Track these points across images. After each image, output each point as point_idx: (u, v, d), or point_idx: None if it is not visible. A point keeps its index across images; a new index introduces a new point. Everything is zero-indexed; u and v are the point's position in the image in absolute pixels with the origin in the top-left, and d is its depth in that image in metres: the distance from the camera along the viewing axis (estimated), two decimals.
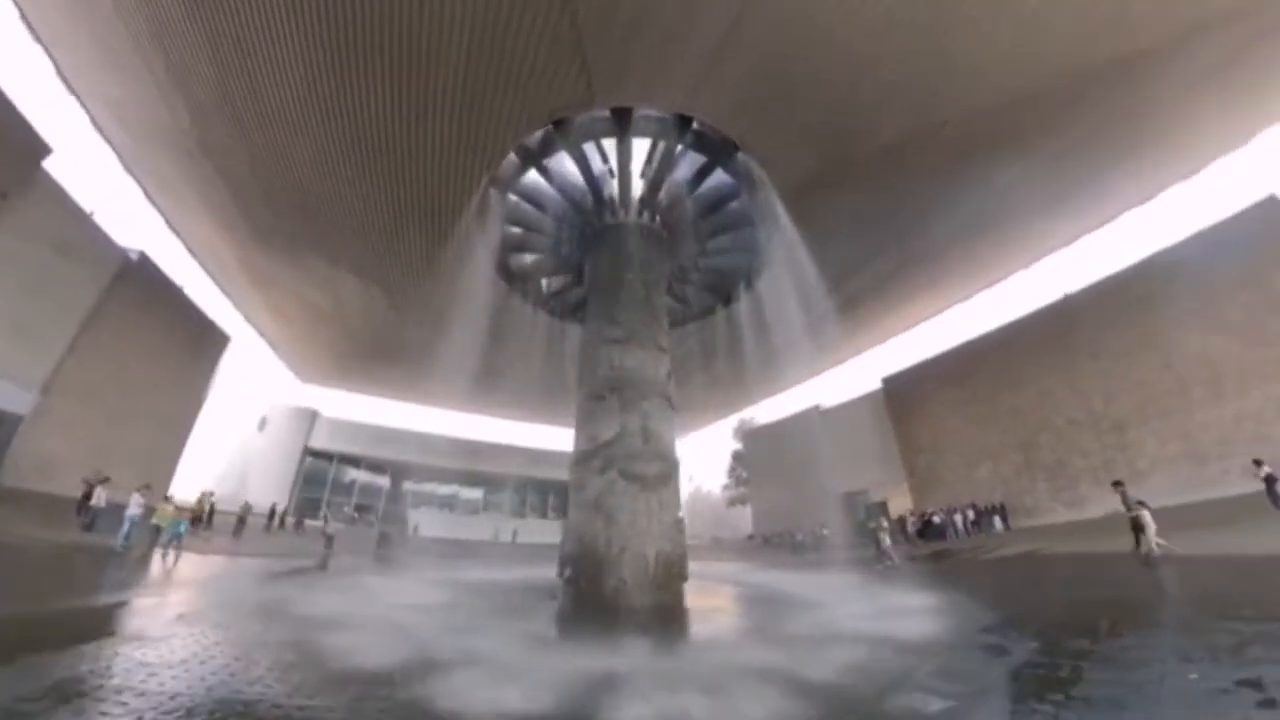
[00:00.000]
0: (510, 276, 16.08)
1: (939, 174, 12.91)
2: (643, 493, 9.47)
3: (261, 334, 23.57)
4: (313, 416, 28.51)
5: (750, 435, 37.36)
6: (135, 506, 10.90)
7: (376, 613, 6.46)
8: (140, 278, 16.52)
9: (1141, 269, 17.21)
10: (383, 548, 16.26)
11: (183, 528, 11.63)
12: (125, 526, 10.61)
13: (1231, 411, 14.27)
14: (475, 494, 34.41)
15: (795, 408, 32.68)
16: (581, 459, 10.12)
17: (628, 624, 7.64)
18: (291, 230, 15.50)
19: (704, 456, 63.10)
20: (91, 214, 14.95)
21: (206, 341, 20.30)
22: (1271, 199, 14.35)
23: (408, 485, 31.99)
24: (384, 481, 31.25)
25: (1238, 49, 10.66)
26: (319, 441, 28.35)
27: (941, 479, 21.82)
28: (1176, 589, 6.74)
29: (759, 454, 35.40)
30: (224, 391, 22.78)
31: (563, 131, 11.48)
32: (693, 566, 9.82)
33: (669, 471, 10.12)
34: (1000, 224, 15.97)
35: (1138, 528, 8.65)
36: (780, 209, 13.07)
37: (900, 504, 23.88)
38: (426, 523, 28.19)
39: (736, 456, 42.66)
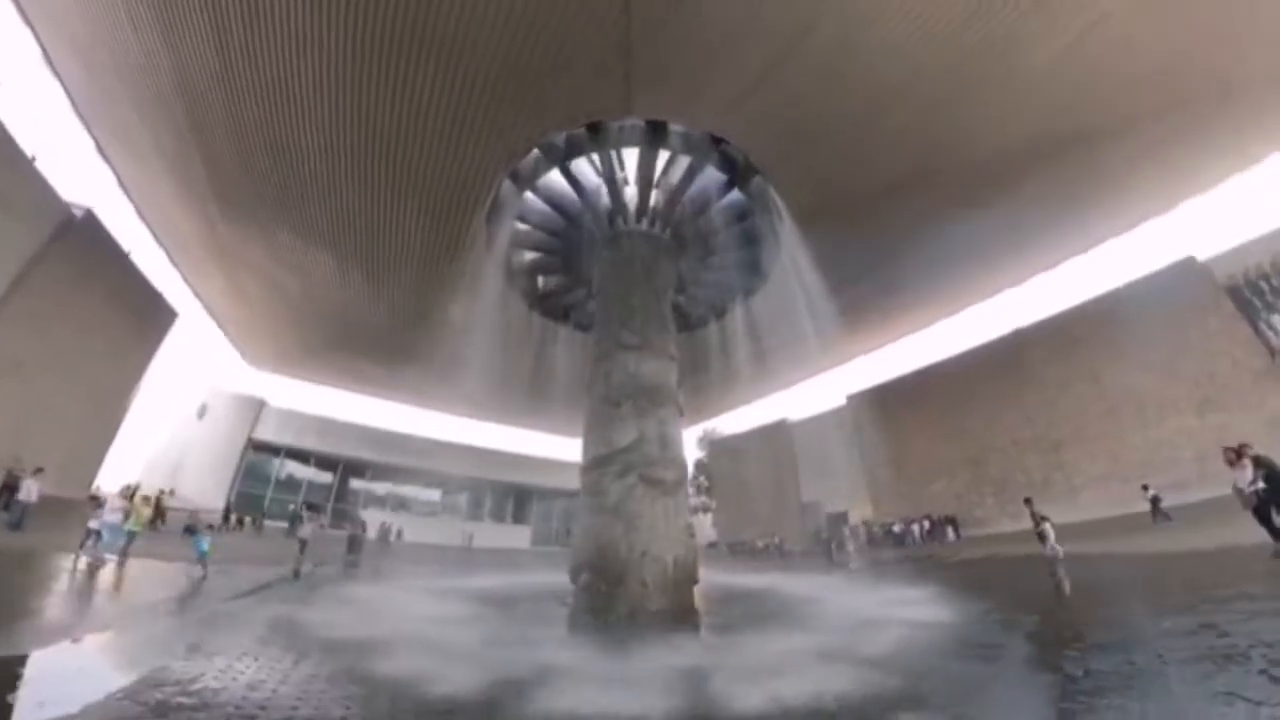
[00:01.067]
0: (510, 274, 15.74)
1: (922, 213, 14.04)
2: (661, 498, 9.57)
3: (210, 311, 21.54)
4: (259, 406, 26.24)
5: (716, 445, 38.22)
6: (113, 513, 9.62)
7: (406, 631, 6.06)
8: (83, 238, 14.69)
9: (1081, 311, 19.39)
10: (352, 553, 15.29)
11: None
12: (104, 537, 9.21)
13: (1151, 438, 16.36)
14: (432, 495, 32.93)
15: (761, 420, 33.86)
16: (597, 464, 10.05)
17: (653, 625, 7.73)
18: (267, 202, 14.35)
19: None
20: (33, 159, 13.18)
21: (150, 316, 18.30)
22: (1190, 260, 16.68)
23: (359, 484, 30.13)
24: (334, 479, 29.20)
25: (1171, 133, 12.58)
26: (265, 433, 26.10)
27: (899, 491, 23.35)
28: (1093, 578, 8.23)
29: (724, 464, 36.26)
30: (162, 372, 20.57)
31: (586, 135, 11.51)
32: None
33: (681, 478, 10.29)
34: (964, 261, 17.52)
35: (1041, 536, 10.72)
36: (784, 232, 13.75)
37: (858, 514, 25.31)
38: (378, 524, 26.64)
39: (699, 466, 43.32)
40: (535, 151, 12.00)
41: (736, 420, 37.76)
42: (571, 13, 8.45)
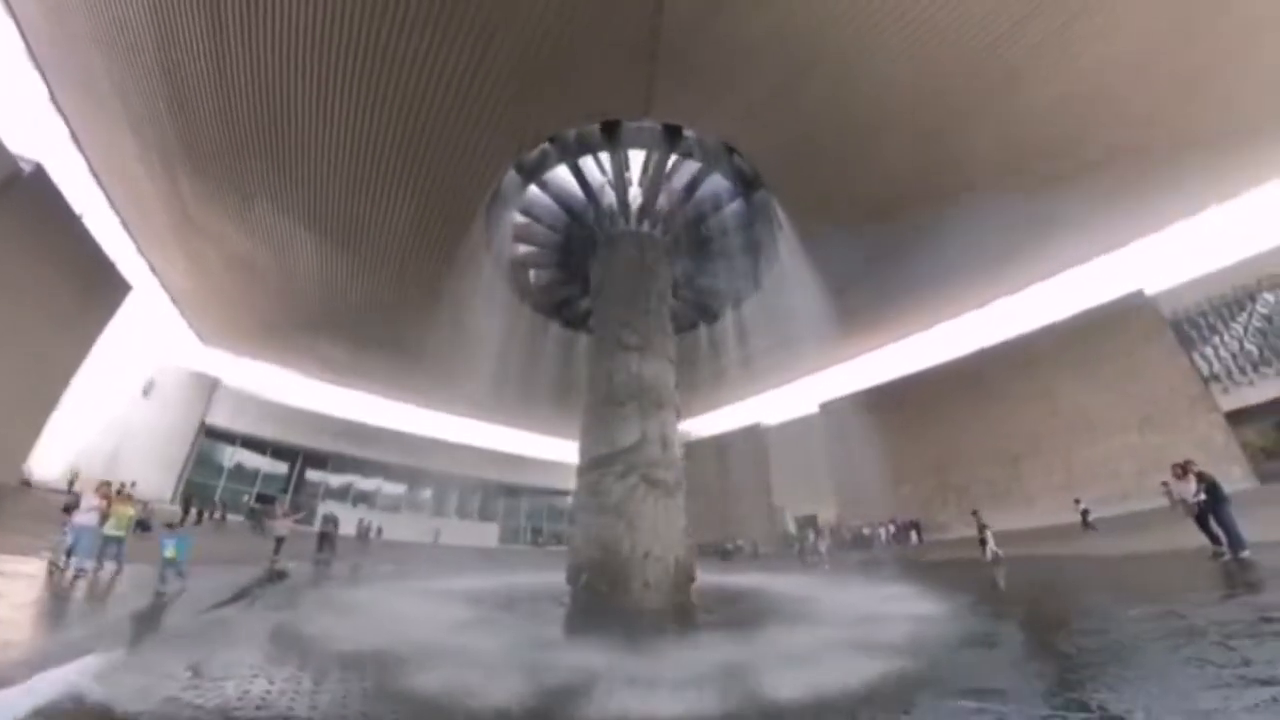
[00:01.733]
0: (504, 266, 15.44)
1: (909, 231, 14.75)
2: (662, 498, 9.64)
3: (164, 283, 19.99)
4: (213, 386, 24.47)
5: (687, 447, 38.59)
6: (88, 512, 8.23)
7: (420, 639, 5.64)
8: (29, 195, 13.34)
9: (1041, 334, 20.78)
10: (323, 551, 14.55)
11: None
12: (77, 543, 8.01)
13: (1099, 453, 17.74)
14: (397, 489, 31.73)
15: (736, 424, 34.47)
16: (598, 464, 10.00)
17: (655, 625, 7.79)
18: (248, 170, 13.45)
19: None
20: None
21: (101, 286, 16.79)
22: (1140, 293, 18.20)
23: (319, 476, 28.66)
24: (292, 470, 27.61)
25: (1126, 181, 13.83)
26: (219, 417, 24.36)
27: (866, 496, 24.33)
28: (1061, 576, 9.07)
29: (696, 465, 36.61)
30: (110, 350, 18.89)
31: (592, 133, 11.43)
32: None
33: (680, 479, 10.38)
34: (941, 278, 18.45)
35: (983, 541, 12.52)
36: (780, 242, 14.11)
37: (825, 517, 26.22)
38: (342, 519, 25.45)
39: None
40: (540, 146, 11.83)
41: (710, 423, 38.29)
42: (603, 9, 8.38)
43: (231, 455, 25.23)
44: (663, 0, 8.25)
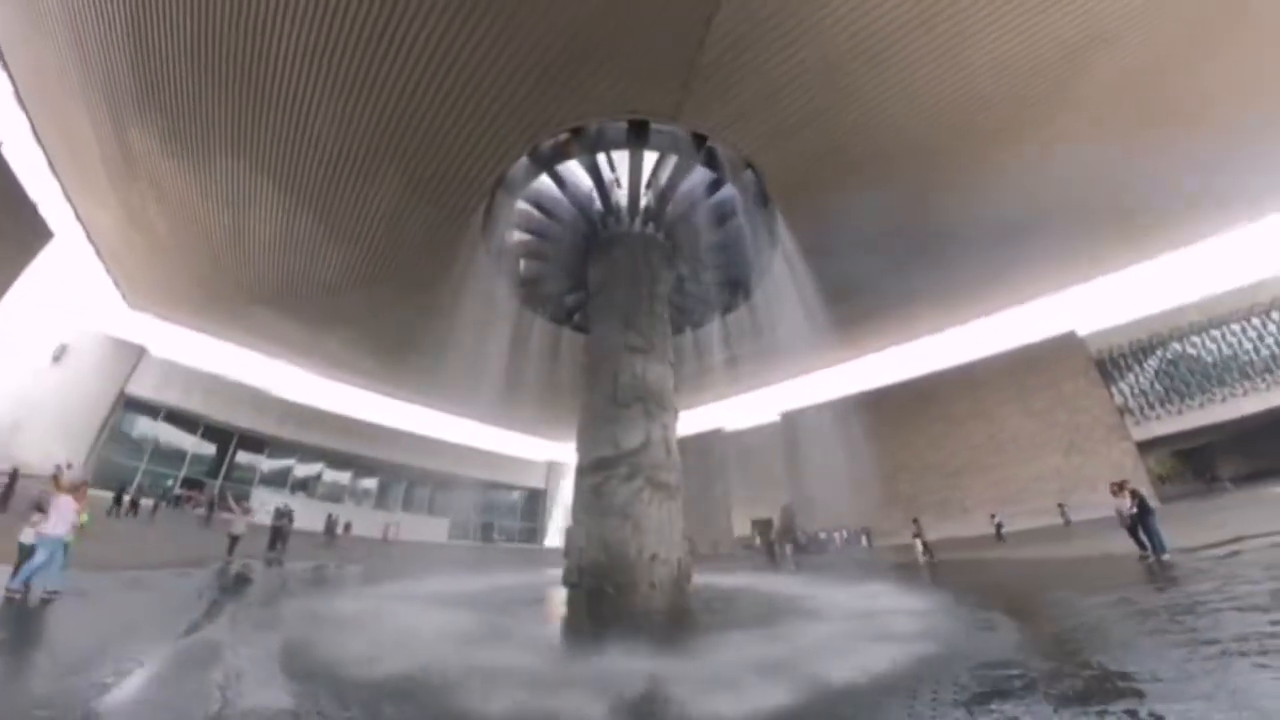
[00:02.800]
0: (495, 257, 14.91)
1: (905, 258, 15.78)
2: (666, 501, 9.74)
3: (92, 234, 17.64)
4: (138, 354, 21.78)
5: None
6: (63, 525, 6.41)
7: (450, 655, 5.13)
8: None
9: (984, 363, 22.83)
10: (275, 548, 13.41)
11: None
12: (49, 556, 6.28)
13: (1028, 472, 19.77)
14: (341, 477, 29.73)
15: (698, 428, 35.17)
16: (602, 465, 9.93)
17: (675, 625, 7.93)
18: (214, 117, 12.08)
19: None
20: None
21: (17, 228, 14.52)
22: (1071, 334, 20.47)
23: (255, 460, 26.29)
24: (225, 452, 25.11)
25: (1066, 236, 15.67)
26: (143, 388, 21.67)
27: (820, 502, 25.66)
28: (1017, 577, 10.25)
29: None
30: (18, 301, 16.35)
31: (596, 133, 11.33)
32: None
33: (680, 482, 10.53)
34: (903, 307, 19.91)
35: (918, 547, 14.98)
36: (776, 258, 14.64)
37: (780, 522, 27.40)
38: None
39: None
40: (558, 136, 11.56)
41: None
42: (655, 9, 8.36)
43: (155, 432, 22.52)
44: (713, 15, 8.36)
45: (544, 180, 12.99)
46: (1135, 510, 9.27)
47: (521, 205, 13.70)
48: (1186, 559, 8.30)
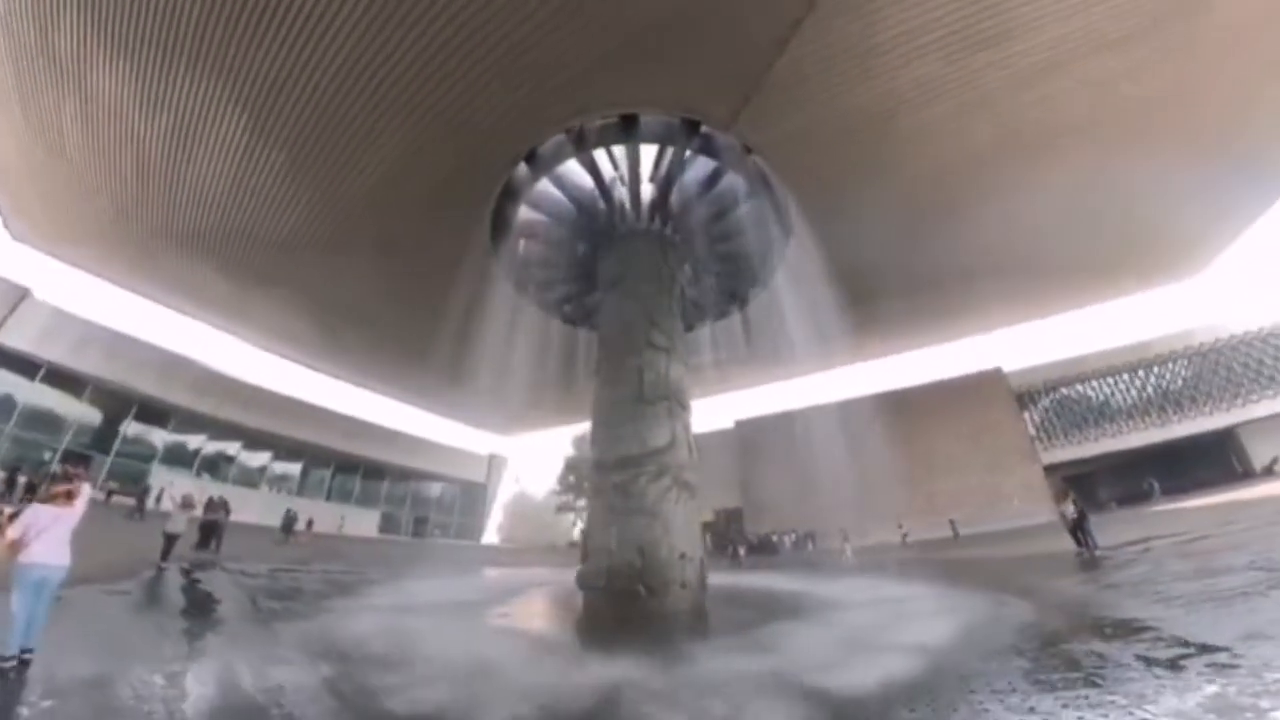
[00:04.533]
0: (493, 236, 14.18)
1: (890, 286, 17.19)
2: (689, 500, 9.86)
3: None
4: (18, 298, 17.78)
5: None
6: (57, 547, 4.26)
7: (539, 681, 4.57)
8: None
9: (921, 390, 25.46)
10: (207, 545, 11.63)
11: None
12: (34, 598, 4.08)
13: (950, 486, 22.34)
14: (258, 459, 26.37)
15: None
16: (629, 463, 9.79)
17: (682, 627, 8.02)
18: (171, 16, 10.11)
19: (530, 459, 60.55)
20: None
21: None
22: (998, 370, 23.48)
23: (157, 434, 22.50)
24: (118, 422, 21.20)
25: (1004, 285, 18.08)
26: (20, 339, 17.67)
27: (770, 506, 27.07)
28: (985, 571, 11.58)
29: None
30: None
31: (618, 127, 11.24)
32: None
33: (699, 482, 10.71)
34: (873, 329, 21.76)
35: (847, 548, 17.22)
36: (776, 274, 15.35)
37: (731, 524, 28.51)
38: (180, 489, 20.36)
39: (571, 464, 43.10)
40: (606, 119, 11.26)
41: None
42: (732, 22, 8.49)
43: (30, 395, 18.32)
44: (788, 41, 8.67)
45: (555, 169, 12.62)
46: (1076, 515, 11.03)
47: (535, 193, 13.20)
48: (1113, 554, 9.99)
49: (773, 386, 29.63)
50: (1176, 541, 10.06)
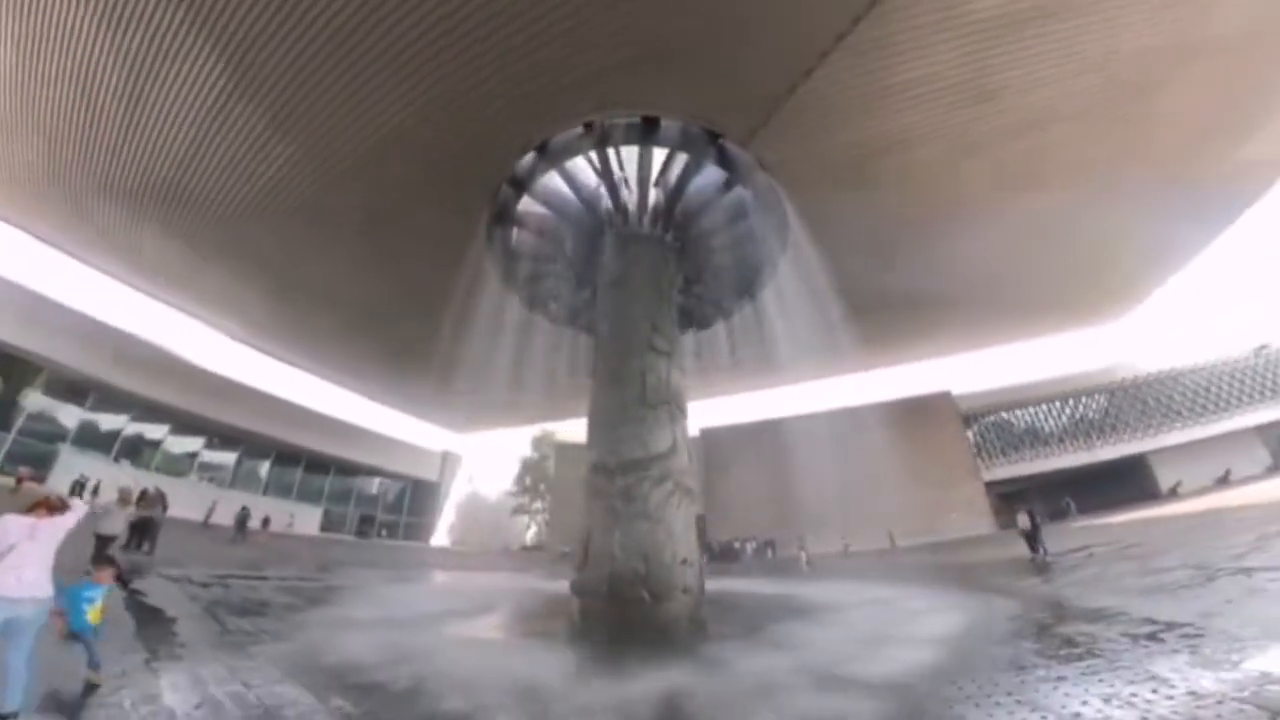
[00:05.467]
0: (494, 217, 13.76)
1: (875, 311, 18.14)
2: (690, 505, 9.94)
3: None
4: None
5: (562, 449, 37.98)
6: (34, 574, 3.28)
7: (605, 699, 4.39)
8: None
9: (877, 408, 27.00)
10: (142, 545, 10.41)
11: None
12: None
13: (908, 499, 23.78)
14: (188, 445, 23.91)
15: None
16: (632, 467, 9.73)
17: (685, 632, 8.11)
18: None
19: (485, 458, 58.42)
20: None
21: None
22: (948, 392, 25.29)
23: (60, 408, 19.85)
24: (21, 395, 18.49)
25: (960, 313, 19.61)
26: None
27: (732, 513, 27.68)
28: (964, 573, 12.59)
29: (566, 469, 36.28)
30: None
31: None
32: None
33: (697, 487, 10.85)
34: (829, 348, 22.88)
35: (803, 555, 18.14)
36: (769, 290, 15.84)
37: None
38: (96, 476, 18.14)
39: (527, 465, 42.14)
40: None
41: (578, 429, 38.50)
42: (764, 42, 8.77)
43: None
44: (813, 72, 9.09)
45: (565, 164, 12.46)
46: (1030, 526, 12.27)
47: (541, 185, 12.94)
48: (1061, 559, 11.16)
49: (739, 397, 30.45)
50: (1113, 549, 11.31)
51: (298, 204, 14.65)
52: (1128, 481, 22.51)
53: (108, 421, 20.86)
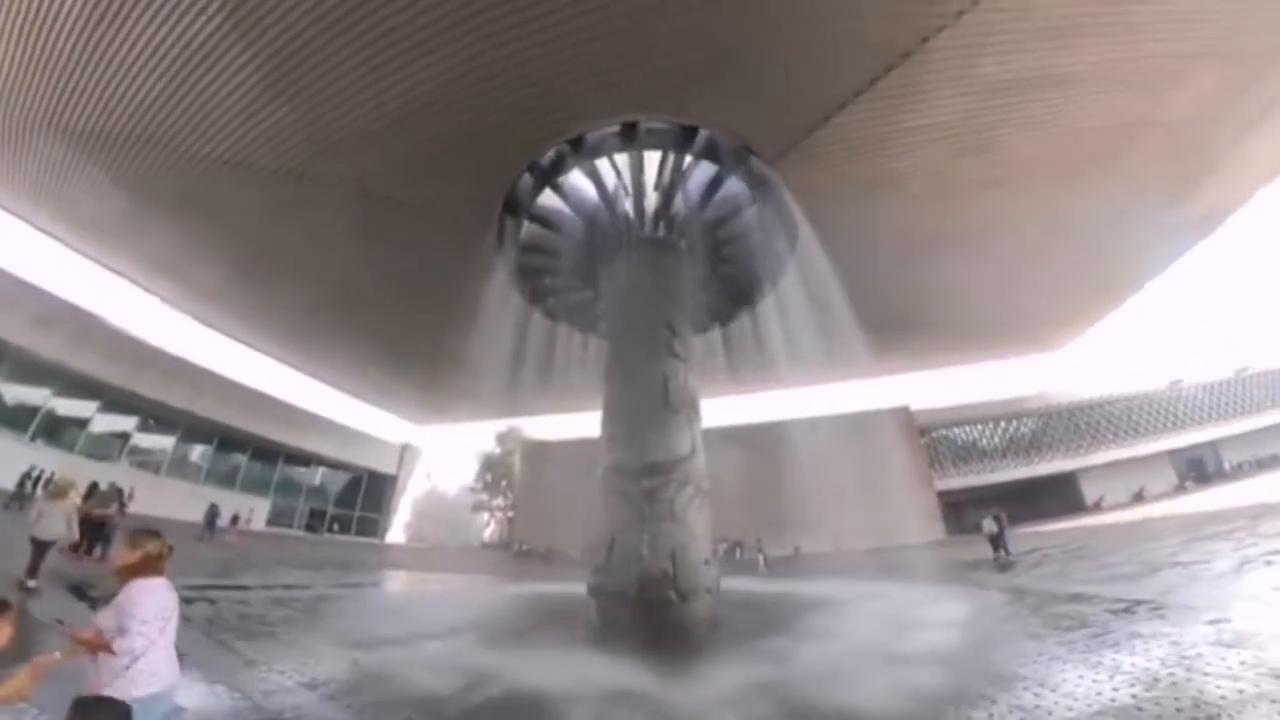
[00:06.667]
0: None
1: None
2: (707, 508, 10.22)
3: None
4: None
5: (531, 447, 37.14)
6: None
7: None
8: None
9: (842, 419, 28.52)
10: (95, 551, 9.07)
11: None
12: None
13: (870, 504, 25.24)
14: (117, 425, 21.42)
15: (577, 434, 35.12)
16: (657, 470, 9.86)
17: (705, 632, 8.39)
18: None
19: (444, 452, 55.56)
20: None
21: None
22: (906, 407, 27.11)
23: None
24: None
25: (919, 334, 21.16)
26: None
27: None
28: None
29: (536, 467, 35.60)
30: None
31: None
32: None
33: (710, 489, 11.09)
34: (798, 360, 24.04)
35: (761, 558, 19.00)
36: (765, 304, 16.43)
37: None
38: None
39: (490, 462, 40.87)
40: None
41: (546, 426, 37.95)
42: (807, 71, 9.23)
43: None
44: (845, 106, 9.69)
45: (584, 163, 12.39)
46: (997, 529, 13.44)
47: (564, 181, 12.79)
48: (1020, 559, 12.38)
49: (714, 401, 31.18)
50: (1064, 550, 12.77)
51: (283, 166, 13.32)
52: (1059, 495, 25.22)
53: (21, 395, 18.28)
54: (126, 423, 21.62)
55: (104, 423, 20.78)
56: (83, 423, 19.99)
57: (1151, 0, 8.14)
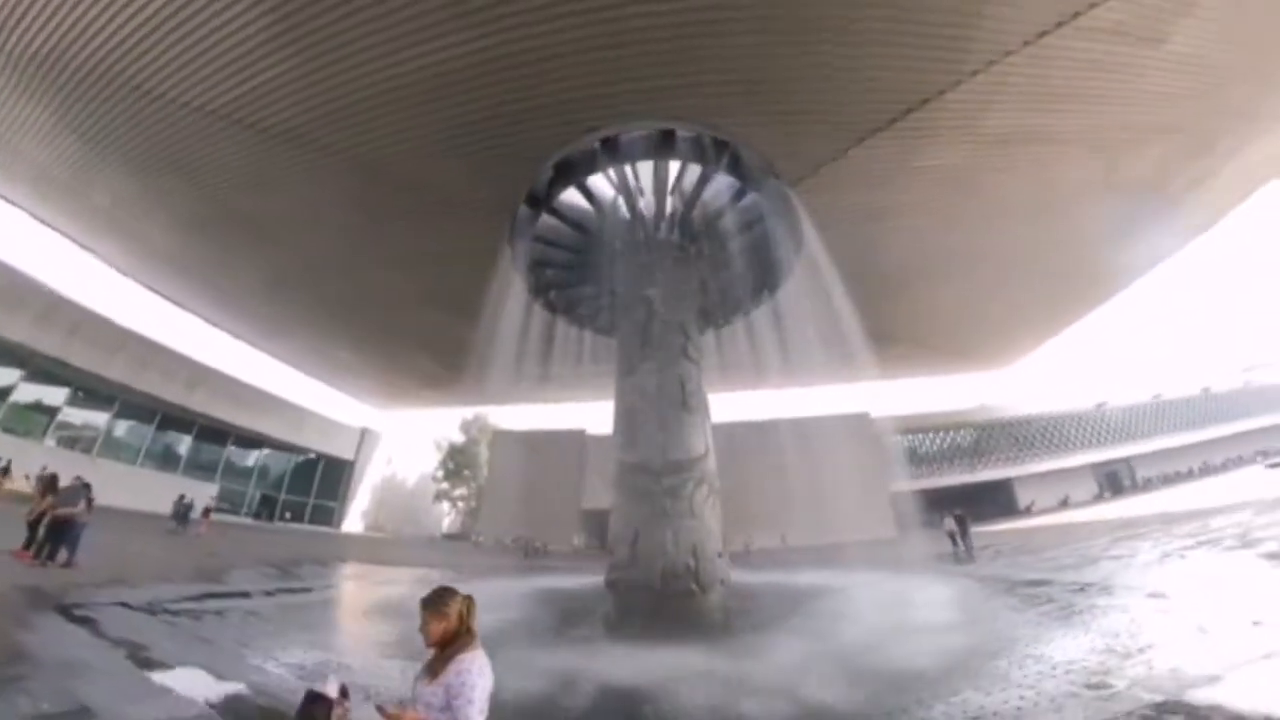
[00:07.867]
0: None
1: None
2: (720, 505, 10.79)
3: None
4: None
5: (500, 436, 36.41)
6: None
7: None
8: None
9: (811, 421, 30.09)
10: (60, 553, 7.80)
11: None
12: None
13: (837, 503, 26.86)
14: (44, 397, 19.18)
15: (552, 424, 35.01)
16: (676, 468, 10.30)
17: (753, 611, 9.05)
18: None
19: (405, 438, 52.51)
20: None
21: None
22: (866, 413, 29.04)
23: None
24: None
25: (890, 362, 22.88)
26: None
27: None
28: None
29: (505, 457, 35.00)
30: None
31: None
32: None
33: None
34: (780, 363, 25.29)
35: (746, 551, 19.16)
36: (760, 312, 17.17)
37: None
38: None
39: (457, 451, 39.67)
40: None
41: (518, 416, 37.51)
42: (839, 104, 9.92)
43: None
44: (864, 140, 10.48)
45: (615, 163, 12.54)
46: (958, 526, 14.37)
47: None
48: (980, 554, 13.72)
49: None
50: (1010, 546, 14.47)
51: (274, 125, 12.07)
52: (995, 500, 28.03)
53: None
54: (55, 395, 19.40)
55: (28, 393, 18.57)
56: (3, 392, 17.78)
57: (1137, 79, 9.38)
